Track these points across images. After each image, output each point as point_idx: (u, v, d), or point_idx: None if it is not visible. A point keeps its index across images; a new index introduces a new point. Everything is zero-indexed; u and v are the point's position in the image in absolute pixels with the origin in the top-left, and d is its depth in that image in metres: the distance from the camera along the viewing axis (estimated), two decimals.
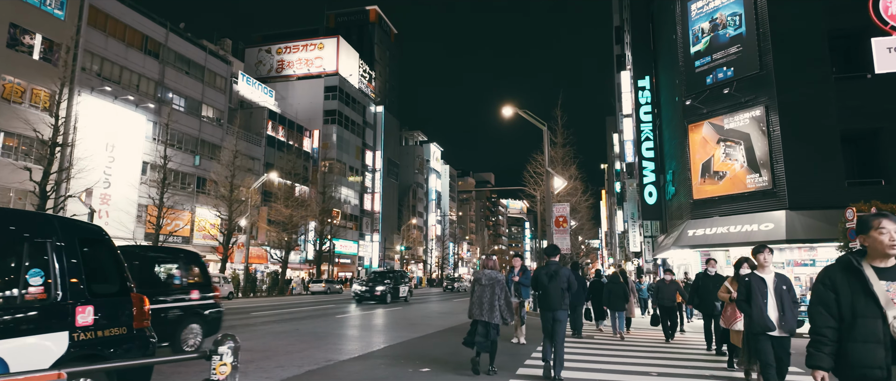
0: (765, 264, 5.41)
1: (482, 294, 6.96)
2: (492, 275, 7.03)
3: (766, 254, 5.38)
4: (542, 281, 6.87)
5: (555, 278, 6.78)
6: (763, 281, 5.31)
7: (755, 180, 15.62)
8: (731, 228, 15.66)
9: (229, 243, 33.79)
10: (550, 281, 6.78)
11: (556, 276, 6.79)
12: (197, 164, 37.36)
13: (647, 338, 11.93)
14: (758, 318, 5.19)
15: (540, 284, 6.90)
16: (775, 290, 5.24)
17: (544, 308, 6.83)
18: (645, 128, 23.30)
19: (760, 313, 5.18)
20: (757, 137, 15.66)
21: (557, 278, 6.77)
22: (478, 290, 7.03)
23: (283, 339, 10.62)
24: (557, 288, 6.72)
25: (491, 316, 6.84)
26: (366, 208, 63.51)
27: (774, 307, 5.19)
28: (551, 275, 6.81)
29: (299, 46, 61.76)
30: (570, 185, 25.06)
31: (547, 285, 6.79)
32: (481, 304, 6.92)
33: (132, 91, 32.81)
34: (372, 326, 14.12)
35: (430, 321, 15.65)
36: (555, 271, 6.83)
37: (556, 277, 6.78)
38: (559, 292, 6.73)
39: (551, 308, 6.74)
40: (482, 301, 6.93)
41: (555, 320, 6.70)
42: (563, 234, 20.53)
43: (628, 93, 36.93)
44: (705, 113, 17.24)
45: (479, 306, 6.93)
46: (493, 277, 7.01)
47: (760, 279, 5.33)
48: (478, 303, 6.96)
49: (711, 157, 16.93)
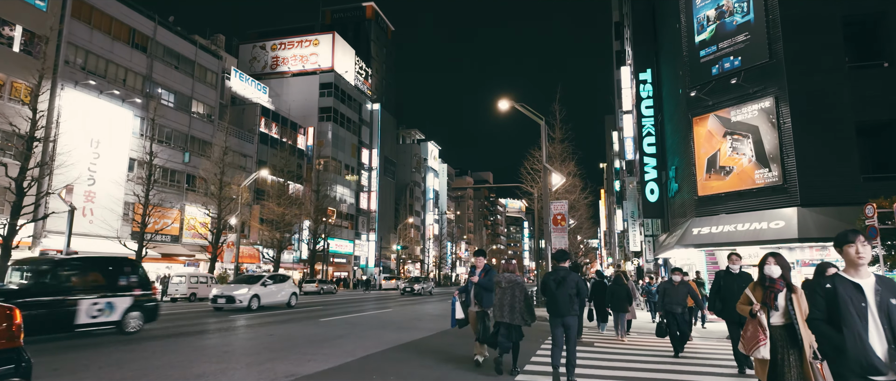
0: (859, 260, 3.18)
1: (503, 297, 7.22)
2: (512, 278, 7.33)
3: (860, 244, 3.17)
4: (549, 287, 6.77)
5: (563, 284, 6.68)
6: (858, 289, 3.14)
7: (764, 176, 14.77)
8: (738, 226, 14.82)
9: (218, 242, 32.87)
10: (558, 287, 6.69)
11: (564, 282, 6.69)
12: (187, 161, 36.44)
13: (653, 345, 11.02)
14: (855, 352, 3.03)
15: (547, 289, 6.79)
16: (880, 304, 3.08)
17: (553, 314, 6.76)
18: (646, 123, 22.46)
19: (859, 343, 3.03)
20: (766, 129, 14.81)
21: (565, 284, 6.67)
22: (498, 293, 7.31)
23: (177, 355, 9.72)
24: (566, 294, 6.63)
25: (512, 318, 7.10)
26: (362, 207, 62.62)
27: (881, 335, 3.03)
28: (559, 281, 6.72)
29: (294, 43, 60.83)
30: (568, 181, 24.19)
31: (555, 291, 6.69)
32: (502, 306, 7.18)
33: (118, 86, 31.88)
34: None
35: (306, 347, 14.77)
36: (563, 276, 6.73)
37: (565, 283, 6.68)
38: (567, 297, 6.64)
39: (560, 315, 6.67)
40: (503, 303, 7.19)
41: (565, 326, 6.67)
42: (561, 232, 19.68)
43: (628, 89, 36.13)
44: (711, 105, 16.40)
45: (501, 309, 7.18)
46: (513, 280, 7.31)
47: (853, 286, 3.16)
48: (499, 305, 7.22)
49: (717, 151, 16.09)
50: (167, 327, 12.99)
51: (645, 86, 22.83)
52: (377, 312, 19.48)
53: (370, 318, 16.47)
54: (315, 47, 60.00)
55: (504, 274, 7.50)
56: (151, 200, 29.73)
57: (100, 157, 29.96)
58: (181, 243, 35.62)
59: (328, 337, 10.97)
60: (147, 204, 28.42)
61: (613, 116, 63.14)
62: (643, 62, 23.10)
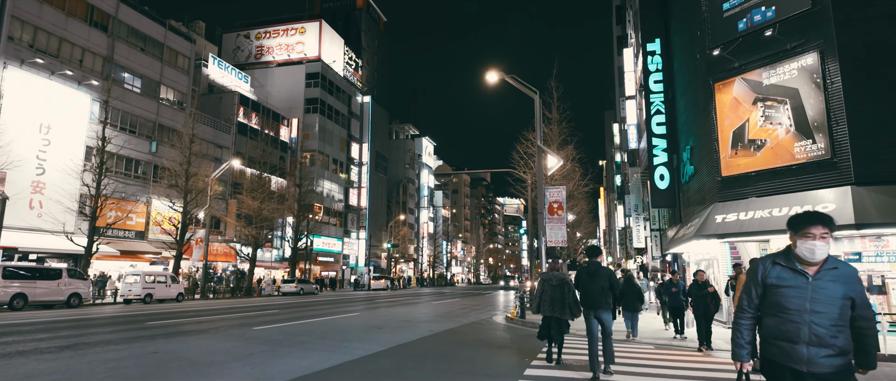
0: None
1: (553, 294, 7.89)
2: (560, 276, 7.99)
3: None
4: (582, 280, 7.11)
5: (595, 277, 6.99)
6: None
7: (807, 148, 12.02)
8: (773, 211, 12.07)
9: (184, 239, 30.09)
10: (591, 280, 7.00)
11: (596, 275, 7.00)
12: (154, 150, 33.65)
13: (675, 347, 8.30)
14: None
15: (580, 283, 7.15)
16: None
17: (586, 307, 7.11)
18: (655, 99, 19.73)
19: None
20: (809, 92, 12.06)
21: (598, 277, 6.98)
22: (549, 290, 7.95)
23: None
24: (598, 286, 6.94)
25: (562, 313, 7.78)
26: (352, 204, 59.84)
27: None
28: (591, 274, 7.03)
29: (279, 31, 58.02)
30: (567, 166, 21.46)
31: (588, 284, 7.01)
32: (553, 302, 7.85)
33: (73, 66, 29.08)
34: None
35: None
36: (595, 270, 7.02)
37: (597, 276, 6.99)
38: (599, 290, 6.95)
39: (593, 307, 7.00)
40: (554, 300, 7.85)
41: (599, 319, 6.97)
42: (558, 223, 16.93)
43: (631, 72, 33.44)
44: (737, 67, 13.65)
45: (551, 305, 7.86)
46: (561, 278, 7.97)
47: None
48: (549, 301, 7.89)
49: (746, 122, 13.34)
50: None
51: (653, 57, 20.12)
52: (338, 318, 16.63)
53: (319, 326, 13.68)
54: (301, 36, 57.21)
55: (553, 273, 8.08)
56: (110, 191, 27.01)
57: (50, 144, 27.16)
58: (147, 239, 32.82)
59: (214, 360, 8.15)
60: (98, 196, 25.70)
61: (613, 112, 60.56)
62: (652, 31, 20.38)
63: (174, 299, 25.93)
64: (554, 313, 7.77)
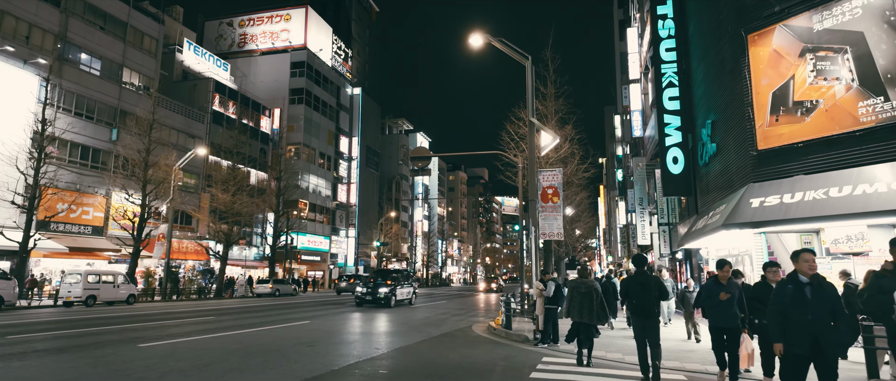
0: None
1: (582, 300, 8.28)
2: (589, 284, 8.43)
3: None
4: (633, 290, 7.02)
5: (646, 287, 6.91)
6: None
7: (877, 108, 9.22)
8: (831, 190, 9.28)
9: (142, 234, 27.25)
10: (643, 290, 6.91)
11: (647, 286, 6.91)
12: (115, 139, 30.77)
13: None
14: None
15: (631, 293, 7.07)
16: None
17: (636, 316, 6.99)
18: (667, 70, 16.94)
19: None
20: (879, 35, 9.26)
21: (649, 287, 6.89)
22: (578, 297, 8.33)
23: None
24: (651, 297, 6.88)
25: (591, 318, 8.18)
26: (340, 200, 56.99)
27: None
28: (642, 284, 6.94)
29: (263, 18, 55.17)
30: (564, 147, 18.62)
31: (640, 294, 6.94)
32: (582, 308, 8.23)
33: (18, 43, 26.24)
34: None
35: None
36: (645, 280, 6.95)
37: (647, 286, 6.89)
38: (653, 300, 6.89)
39: (645, 317, 6.91)
40: (583, 306, 8.23)
41: (645, 328, 6.87)
42: (553, 212, 14.11)
43: (635, 53, 30.65)
44: (777, 12, 10.85)
45: (579, 311, 8.24)
46: (590, 285, 8.42)
47: None
48: (578, 307, 8.26)
49: (790, 80, 10.53)
50: None
51: (665, 22, 17.35)
52: (276, 327, 13.58)
53: (236, 340, 10.83)
54: (287, 23, 54.37)
55: (582, 280, 8.53)
56: (62, 182, 24.21)
57: None
58: (106, 236, 29.96)
59: None
60: (36, 185, 22.85)
61: (613, 106, 57.74)
62: None
63: (124, 302, 23.11)
64: (582, 319, 8.18)
